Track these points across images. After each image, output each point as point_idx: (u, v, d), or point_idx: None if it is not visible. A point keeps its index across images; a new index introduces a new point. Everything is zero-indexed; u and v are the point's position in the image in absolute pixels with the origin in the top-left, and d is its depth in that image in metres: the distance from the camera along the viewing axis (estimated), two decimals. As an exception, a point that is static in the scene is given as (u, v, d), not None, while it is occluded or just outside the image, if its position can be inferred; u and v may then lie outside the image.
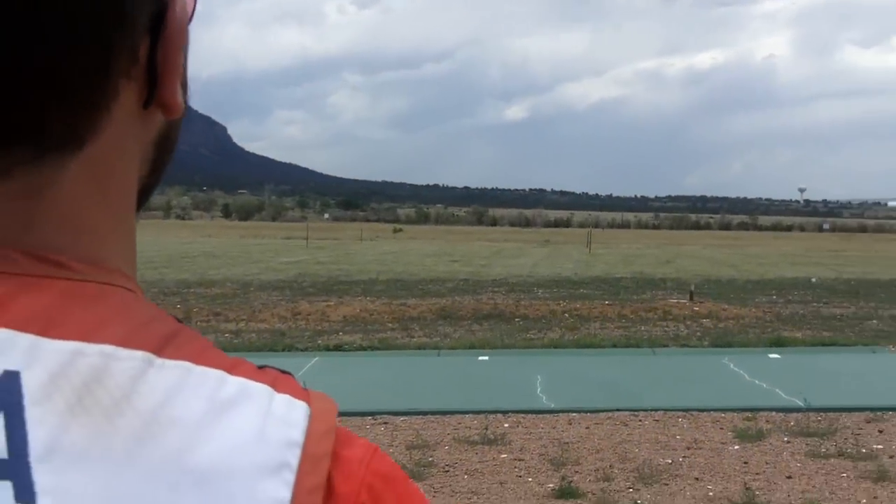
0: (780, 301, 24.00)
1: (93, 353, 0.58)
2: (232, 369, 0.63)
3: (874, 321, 19.82)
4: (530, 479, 8.40)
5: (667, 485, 8.24)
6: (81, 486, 0.56)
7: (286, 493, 0.58)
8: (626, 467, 8.71)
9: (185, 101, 0.71)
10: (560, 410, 10.69)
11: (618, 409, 10.67)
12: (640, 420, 10.38)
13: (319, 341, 15.89)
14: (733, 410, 10.68)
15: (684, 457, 9.07)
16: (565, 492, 7.95)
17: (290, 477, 0.59)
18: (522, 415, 10.52)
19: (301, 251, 51.91)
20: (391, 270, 32.02)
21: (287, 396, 0.63)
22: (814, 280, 30.93)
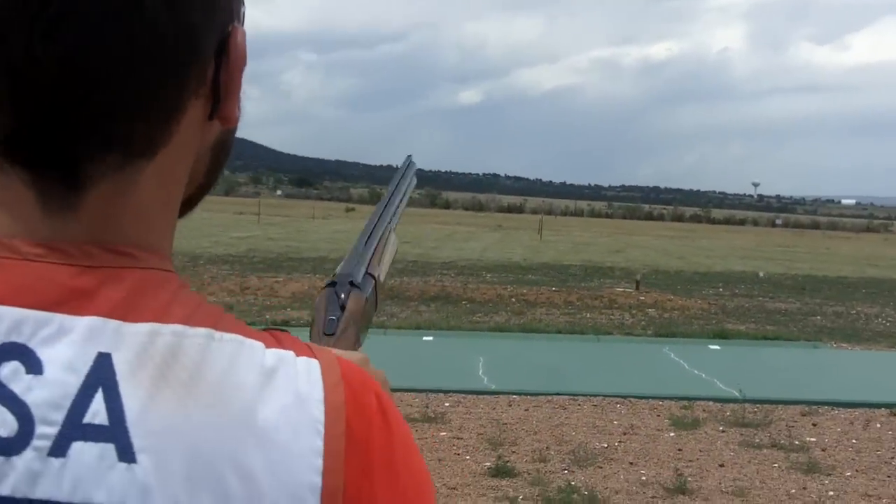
0: (726, 294, 24.22)
1: (167, 332, 0.72)
2: (262, 338, 0.77)
3: (818, 317, 20.05)
4: (468, 458, 8.49)
5: (601, 468, 8.36)
6: (171, 445, 0.69)
7: (319, 442, 0.72)
8: (561, 449, 8.83)
9: (240, 113, 0.84)
10: (500, 392, 10.78)
11: (558, 394, 10.78)
12: (579, 405, 10.49)
13: (267, 316, 15.88)
14: (671, 398, 10.81)
15: (620, 441, 9.19)
16: (501, 471, 8.04)
17: (320, 428, 0.73)
18: (463, 395, 10.60)
19: (253, 227, 51.75)
20: (342, 249, 31.90)
21: (304, 358, 0.76)
22: (761, 274, 31.22)
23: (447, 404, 10.21)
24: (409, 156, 1.53)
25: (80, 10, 0.71)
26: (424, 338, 14.49)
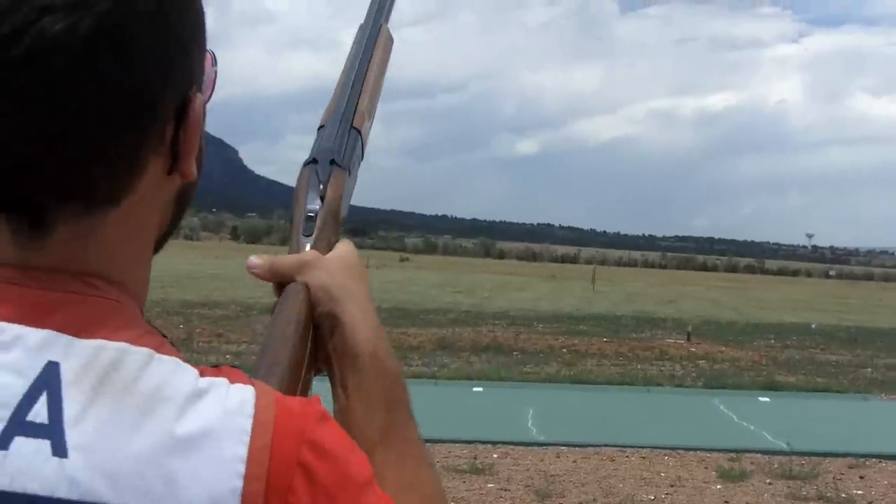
0: (777, 345, 24.09)
1: (112, 348, 0.81)
2: (202, 368, 0.85)
3: (869, 369, 19.94)
4: (514, 509, 8.58)
5: (647, 520, 8.43)
6: (101, 444, 0.78)
7: (243, 450, 0.80)
8: (608, 502, 8.90)
9: (200, 170, 0.94)
10: (549, 444, 10.87)
11: (606, 445, 10.85)
12: (627, 456, 10.56)
13: (318, 366, 16.00)
14: (719, 451, 10.85)
15: (667, 494, 9.25)
16: (547, 522, 8.13)
17: (246, 438, 0.80)
18: (512, 446, 10.69)
19: (306, 276, 51.79)
20: (394, 299, 32.09)
21: (239, 384, 0.84)
22: (813, 326, 30.99)
23: (495, 455, 10.30)
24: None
25: (44, 69, 0.79)
26: (475, 388, 14.58)
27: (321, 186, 1.14)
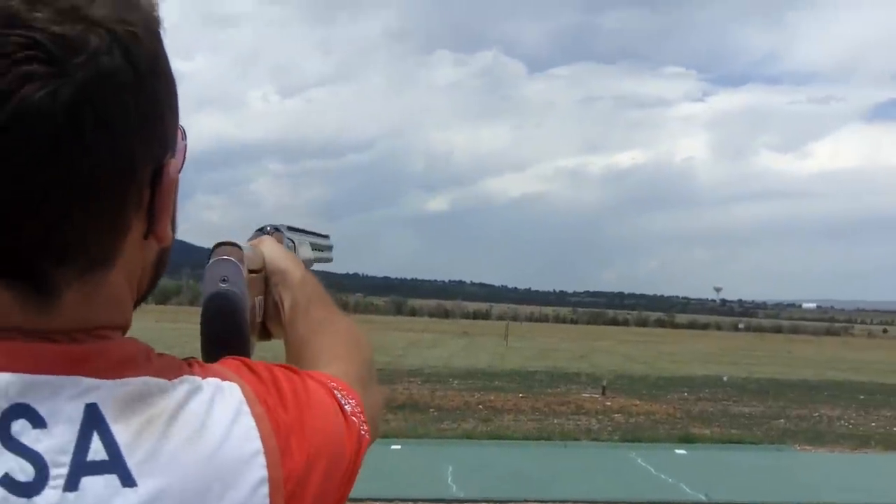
0: (690, 398, 24.32)
1: (137, 383, 0.89)
2: (195, 370, 0.97)
3: (782, 420, 20.22)
4: (437, 567, 8.50)
5: (570, 574, 8.40)
6: (159, 468, 0.87)
7: (258, 444, 0.93)
8: (531, 557, 8.86)
9: (174, 233, 1.00)
10: (469, 500, 10.83)
11: (526, 500, 10.83)
12: (548, 511, 10.53)
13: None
14: (638, 504, 10.89)
15: (588, 548, 9.24)
16: (471, 579, 8.06)
17: (255, 434, 0.94)
18: (432, 503, 10.62)
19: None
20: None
21: (226, 382, 0.96)
22: (725, 378, 31.34)
23: (416, 513, 10.21)
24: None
25: (25, 135, 0.82)
26: (392, 447, 14.48)
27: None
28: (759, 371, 37.24)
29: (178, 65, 0.98)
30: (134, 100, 0.87)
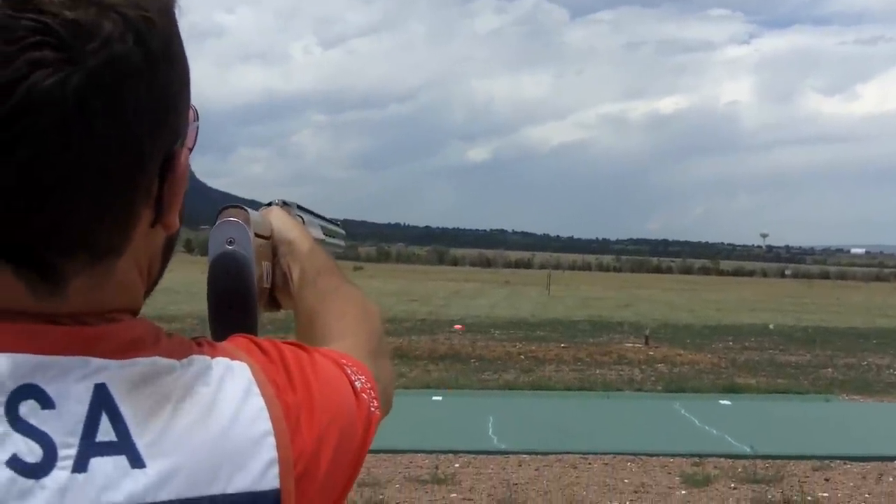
0: (736, 347, 24.15)
1: (145, 363, 0.88)
2: (199, 345, 0.96)
3: (829, 369, 19.96)
4: (478, 521, 8.43)
5: (612, 528, 8.30)
6: (169, 448, 0.86)
7: (268, 425, 0.93)
8: (573, 510, 8.77)
9: (181, 222, 0.97)
10: (510, 452, 10.73)
11: (568, 452, 10.72)
12: (590, 463, 10.43)
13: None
14: (682, 456, 10.75)
15: (631, 500, 9.13)
16: (511, 534, 7.98)
17: (265, 414, 0.93)
18: (473, 455, 10.55)
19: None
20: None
21: (235, 365, 0.95)
22: (771, 327, 31.13)
23: (457, 465, 10.15)
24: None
25: (34, 123, 0.78)
26: (434, 398, 14.42)
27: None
28: (806, 319, 37.02)
29: (220, 17, 0.86)
30: (146, 88, 0.85)
